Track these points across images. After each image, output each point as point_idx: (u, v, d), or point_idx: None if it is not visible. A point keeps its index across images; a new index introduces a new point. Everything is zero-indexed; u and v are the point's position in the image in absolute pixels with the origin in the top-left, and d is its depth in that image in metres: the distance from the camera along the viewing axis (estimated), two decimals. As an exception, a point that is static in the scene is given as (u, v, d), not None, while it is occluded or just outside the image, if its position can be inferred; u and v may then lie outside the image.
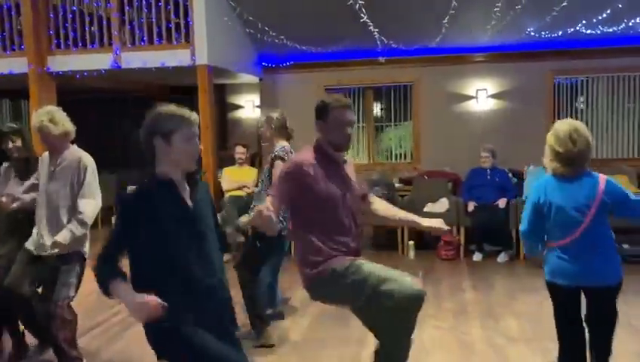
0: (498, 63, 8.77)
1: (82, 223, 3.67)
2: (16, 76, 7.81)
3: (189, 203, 2.36)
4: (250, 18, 7.71)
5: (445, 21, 6.67)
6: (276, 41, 8.05)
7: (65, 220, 3.70)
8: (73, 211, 3.69)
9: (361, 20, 6.11)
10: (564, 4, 5.88)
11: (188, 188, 2.38)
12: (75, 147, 3.90)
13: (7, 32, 7.78)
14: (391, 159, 9.75)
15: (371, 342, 4.33)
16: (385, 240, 7.79)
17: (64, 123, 3.78)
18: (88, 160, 3.83)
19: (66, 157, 3.80)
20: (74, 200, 3.71)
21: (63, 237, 3.60)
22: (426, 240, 7.26)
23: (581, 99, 8.87)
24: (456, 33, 7.48)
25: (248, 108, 10.91)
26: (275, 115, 4.42)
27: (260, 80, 9.63)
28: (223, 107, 10.74)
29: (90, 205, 3.72)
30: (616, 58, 8.37)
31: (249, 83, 10.24)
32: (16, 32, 7.77)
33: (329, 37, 8.13)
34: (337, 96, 3.02)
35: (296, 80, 9.46)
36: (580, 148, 2.92)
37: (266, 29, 7.85)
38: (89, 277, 6.22)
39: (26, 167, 4.04)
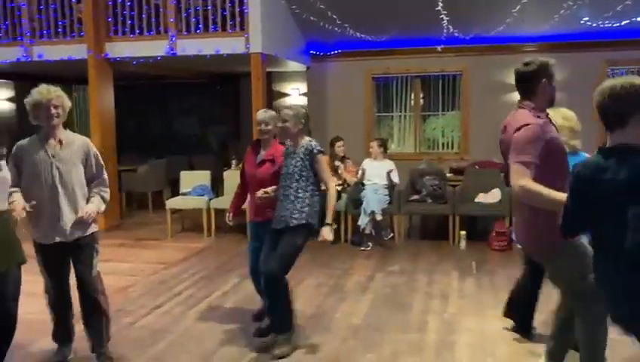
0: (549, 54, 8.64)
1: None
2: (75, 62, 8.03)
3: None
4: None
5: (515, 10, 6.59)
6: (326, 26, 8.06)
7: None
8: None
9: (436, 9, 6.07)
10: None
11: None
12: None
13: (67, 20, 8.00)
14: (435, 148, 9.73)
15: (431, 329, 4.42)
16: (435, 229, 7.81)
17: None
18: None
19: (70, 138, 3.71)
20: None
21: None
22: (477, 231, 7.25)
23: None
24: (517, 23, 7.40)
25: (294, 95, 11.01)
26: (303, 110, 4.10)
27: (308, 68, 9.70)
28: (269, 95, 10.87)
29: None
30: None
31: (295, 71, 10.32)
32: (76, 20, 7.99)
33: (386, 24, 8.12)
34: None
35: (344, 68, 9.50)
36: None
37: (320, 13, 7.86)
38: (148, 259, 6.41)
39: None
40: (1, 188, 3.29)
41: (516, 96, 3.23)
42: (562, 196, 2.50)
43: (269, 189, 4.13)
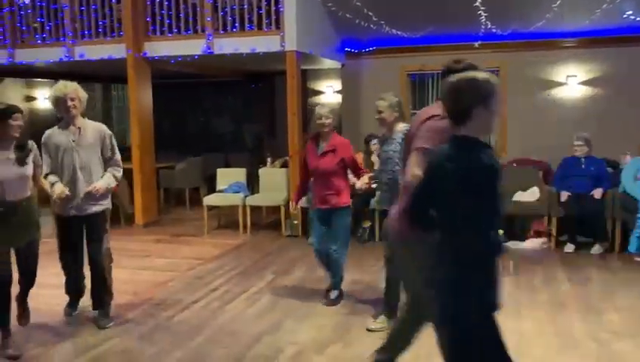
0: (589, 49, 8.44)
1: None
2: (114, 61, 8.20)
3: None
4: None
5: (555, 5, 6.44)
6: (362, 23, 8.02)
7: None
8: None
9: (474, 4, 5.98)
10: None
11: None
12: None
13: (107, 19, 8.18)
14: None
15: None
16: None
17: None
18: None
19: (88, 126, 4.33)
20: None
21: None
22: (515, 230, 7.12)
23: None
24: (557, 18, 7.25)
25: (328, 93, 11.01)
26: (395, 99, 4.31)
27: (342, 65, 9.68)
28: (304, 92, 10.89)
29: None
30: None
31: (329, 68, 10.31)
32: (116, 20, 8.15)
33: (423, 20, 8.06)
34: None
35: (378, 65, 9.44)
36: None
37: (356, 10, 7.83)
38: (185, 254, 6.54)
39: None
40: (26, 180, 3.92)
41: (555, 92, 3.15)
42: None
43: (366, 178, 4.76)
